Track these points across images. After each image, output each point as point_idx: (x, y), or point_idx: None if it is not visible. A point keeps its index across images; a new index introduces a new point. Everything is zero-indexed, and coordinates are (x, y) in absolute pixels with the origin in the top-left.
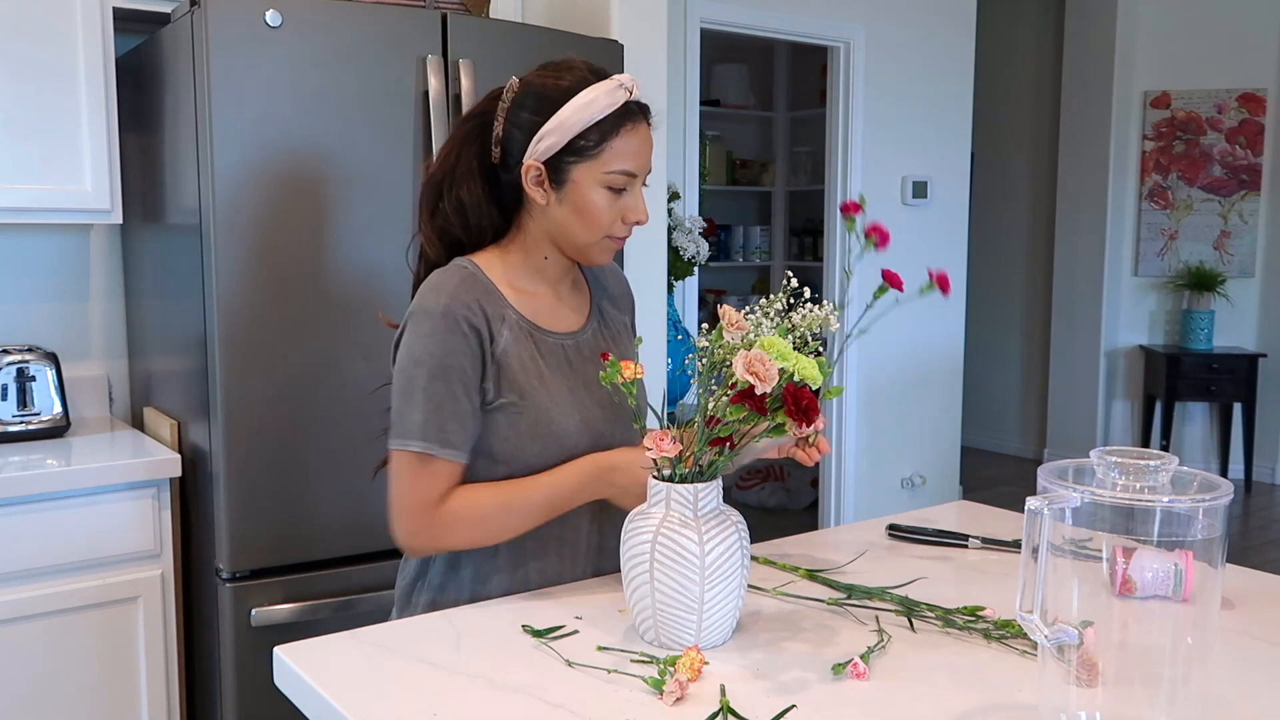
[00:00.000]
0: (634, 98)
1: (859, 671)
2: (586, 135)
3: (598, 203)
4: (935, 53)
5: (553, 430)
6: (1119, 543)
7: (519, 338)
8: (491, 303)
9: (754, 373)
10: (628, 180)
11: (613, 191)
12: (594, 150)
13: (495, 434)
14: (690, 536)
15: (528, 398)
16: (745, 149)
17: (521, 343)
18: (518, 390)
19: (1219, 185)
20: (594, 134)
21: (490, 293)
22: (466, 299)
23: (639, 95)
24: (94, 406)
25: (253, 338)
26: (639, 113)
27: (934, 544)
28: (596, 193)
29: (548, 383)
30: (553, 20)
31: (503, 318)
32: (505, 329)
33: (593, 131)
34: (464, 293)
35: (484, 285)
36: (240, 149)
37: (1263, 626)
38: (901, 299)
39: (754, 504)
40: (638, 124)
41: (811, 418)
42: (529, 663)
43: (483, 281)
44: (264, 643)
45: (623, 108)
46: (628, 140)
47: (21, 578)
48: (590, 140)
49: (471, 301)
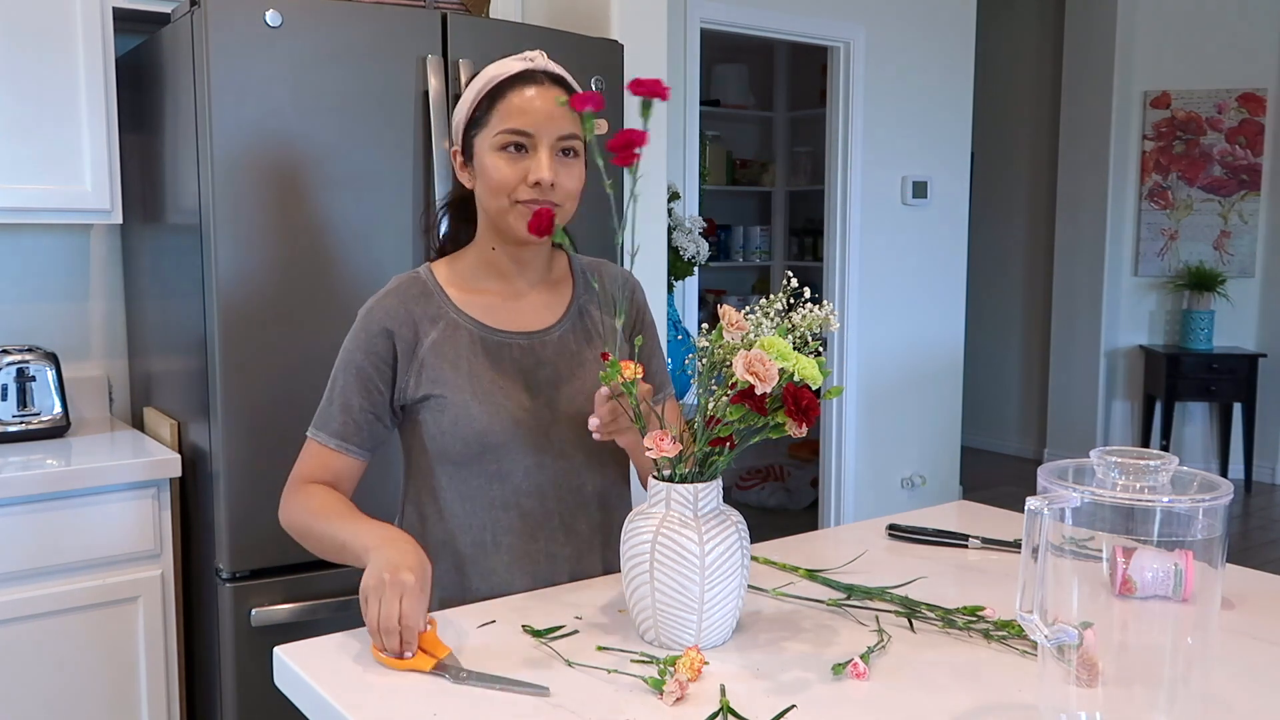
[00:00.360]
0: (536, 67)
1: (859, 671)
2: (479, 105)
3: (497, 165)
4: (935, 53)
5: (474, 427)
6: (1119, 543)
7: (452, 335)
8: (425, 304)
9: (754, 373)
10: (521, 139)
11: (509, 153)
12: (485, 117)
13: (424, 428)
14: (690, 536)
15: (448, 393)
16: (745, 149)
17: (453, 340)
18: (440, 385)
19: (1219, 185)
20: (485, 102)
21: (427, 295)
22: (390, 304)
23: (547, 67)
24: (94, 406)
25: (253, 338)
26: (540, 78)
27: (934, 544)
28: (493, 157)
29: (473, 379)
30: (553, 20)
31: (435, 318)
32: (436, 328)
33: (484, 100)
34: (392, 297)
35: (422, 288)
36: (240, 149)
37: (1263, 626)
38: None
39: (754, 504)
40: (529, 85)
41: (811, 418)
42: (529, 663)
43: (423, 284)
44: (264, 643)
45: (518, 73)
46: (514, 100)
47: (21, 578)
48: (482, 109)
49: (395, 306)
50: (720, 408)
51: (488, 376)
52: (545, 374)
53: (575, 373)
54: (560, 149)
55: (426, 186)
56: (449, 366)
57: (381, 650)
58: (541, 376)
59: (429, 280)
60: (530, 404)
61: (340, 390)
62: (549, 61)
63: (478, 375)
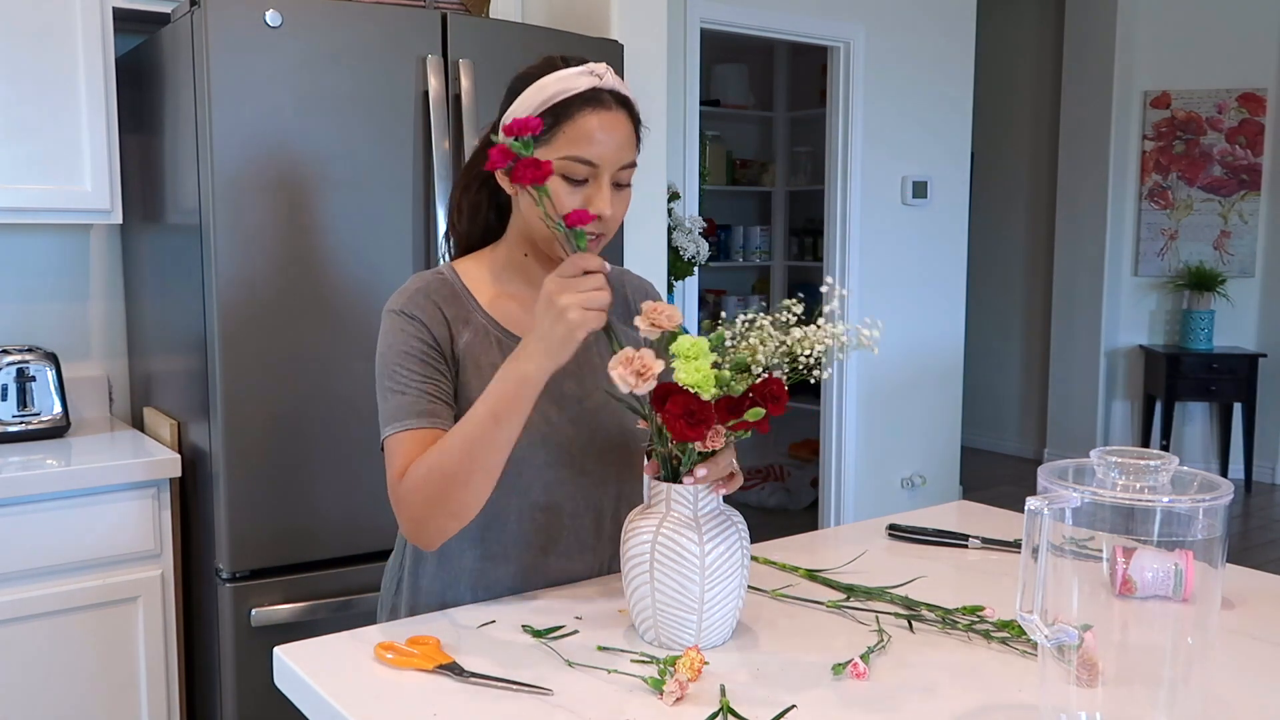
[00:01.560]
0: (604, 85)
1: (859, 671)
2: (542, 118)
3: (554, 191)
4: (935, 53)
5: None
6: (1119, 543)
7: (484, 340)
8: (454, 306)
9: (636, 371)
10: (584, 170)
11: (569, 181)
12: (547, 134)
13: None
14: (690, 537)
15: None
16: (745, 149)
17: (483, 345)
18: (468, 390)
19: (1219, 185)
20: (548, 117)
21: (455, 297)
22: (423, 300)
23: (615, 85)
24: (94, 406)
25: (253, 338)
26: (608, 100)
27: (934, 544)
28: (551, 181)
29: None
30: (553, 20)
31: (466, 320)
32: (468, 330)
33: (547, 115)
34: (420, 296)
35: (449, 289)
36: (240, 149)
37: (1263, 626)
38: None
39: (754, 504)
40: (599, 111)
41: (697, 433)
42: (529, 663)
43: (450, 285)
44: (264, 643)
45: (586, 92)
46: (582, 126)
47: (21, 578)
48: (546, 123)
49: (428, 303)
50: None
51: None
52: (569, 387)
53: (598, 387)
54: (615, 181)
55: (426, 187)
56: (478, 376)
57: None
58: (566, 390)
59: (455, 281)
60: (556, 418)
61: (407, 377)
62: (615, 77)
63: None
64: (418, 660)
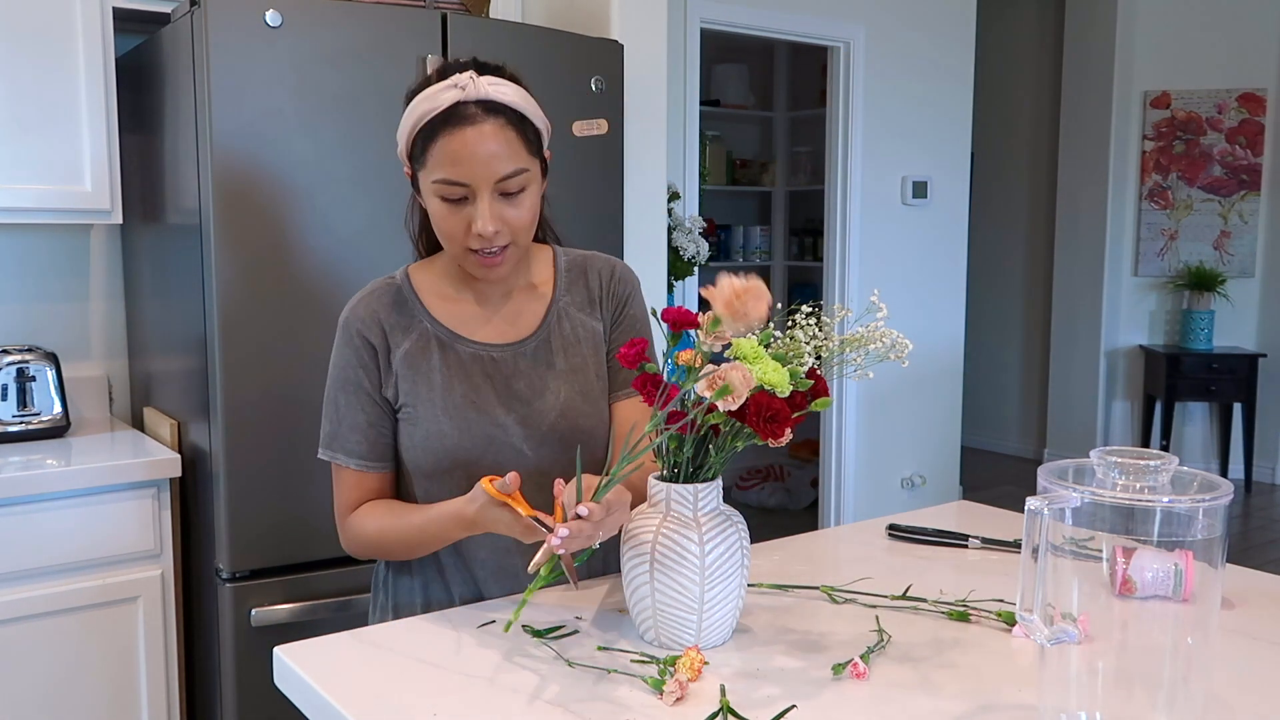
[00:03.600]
0: (468, 97)
1: (859, 671)
2: (414, 143)
3: (438, 212)
4: (935, 53)
5: (445, 443)
6: (1119, 543)
7: (424, 346)
8: (399, 312)
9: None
10: (458, 190)
11: (449, 202)
12: (421, 157)
13: (399, 442)
14: (690, 537)
15: (419, 406)
16: (745, 149)
17: (424, 351)
18: (411, 397)
19: (1219, 185)
20: (419, 141)
21: (402, 303)
22: (363, 312)
23: (483, 94)
24: (94, 406)
25: (253, 338)
26: (474, 114)
27: (934, 544)
28: (434, 203)
29: (442, 393)
30: (552, 20)
31: (408, 327)
32: (408, 338)
33: (418, 138)
34: (363, 305)
35: (397, 296)
36: (240, 149)
37: (1263, 626)
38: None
39: (754, 504)
40: (462, 127)
41: (781, 429)
42: (529, 663)
43: (399, 291)
44: (264, 643)
45: (447, 111)
46: (445, 148)
47: (21, 578)
48: (417, 148)
49: (367, 314)
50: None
51: (459, 390)
52: (520, 388)
53: (550, 386)
54: (500, 191)
55: None
56: (420, 379)
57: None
58: (516, 390)
59: (404, 287)
60: (504, 419)
61: (344, 409)
62: (484, 83)
63: (449, 389)
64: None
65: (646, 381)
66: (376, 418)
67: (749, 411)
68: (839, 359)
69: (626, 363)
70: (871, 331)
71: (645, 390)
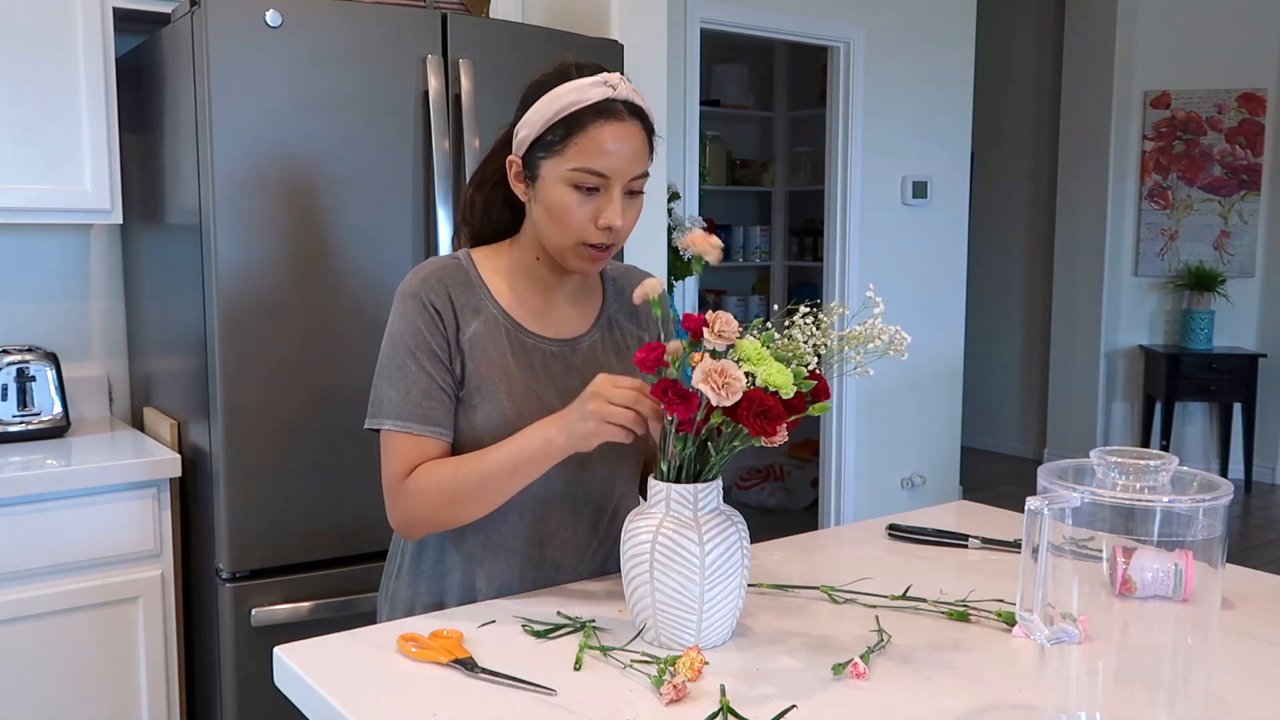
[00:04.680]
0: (618, 96)
1: (859, 671)
2: (553, 129)
3: (564, 201)
4: (935, 53)
5: (506, 429)
6: (1119, 543)
7: (493, 330)
8: (467, 293)
9: (712, 385)
10: (596, 180)
11: (580, 191)
12: (559, 145)
13: (458, 423)
14: (690, 537)
15: (488, 390)
16: (745, 149)
17: (494, 335)
18: (479, 380)
19: (1219, 185)
20: (560, 128)
21: (469, 284)
22: (435, 284)
23: (628, 96)
24: (94, 406)
25: (253, 337)
26: (621, 112)
27: (934, 544)
28: (561, 190)
29: (513, 380)
30: (553, 20)
31: (476, 309)
32: (477, 320)
33: (559, 126)
34: (434, 279)
35: (464, 276)
36: (240, 149)
37: (1263, 626)
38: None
39: (754, 504)
40: (613, 122)
41: (774, 427)
42: (529, 663)
43: (465, 272)
44: (264, 643)
45: (599, 104)
46: (595, 137)
47: (21, 578)
48: (556, 135)
49: (439, 285)
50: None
51: (522, 378)
52: (574, 383)
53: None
54: (628, 190)
55: (427, 186)
56: (487, 362)
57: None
58: (571, 385)
59: (470, 269)
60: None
61: (415, 374)
62: (629, 87)
63: (513, 375)
64: (436, 654)
65: (667, 388)
66: (449, 385)
67: (741, 408)
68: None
69: (644, 367)
70: (870, 329)
71: (666, 397)
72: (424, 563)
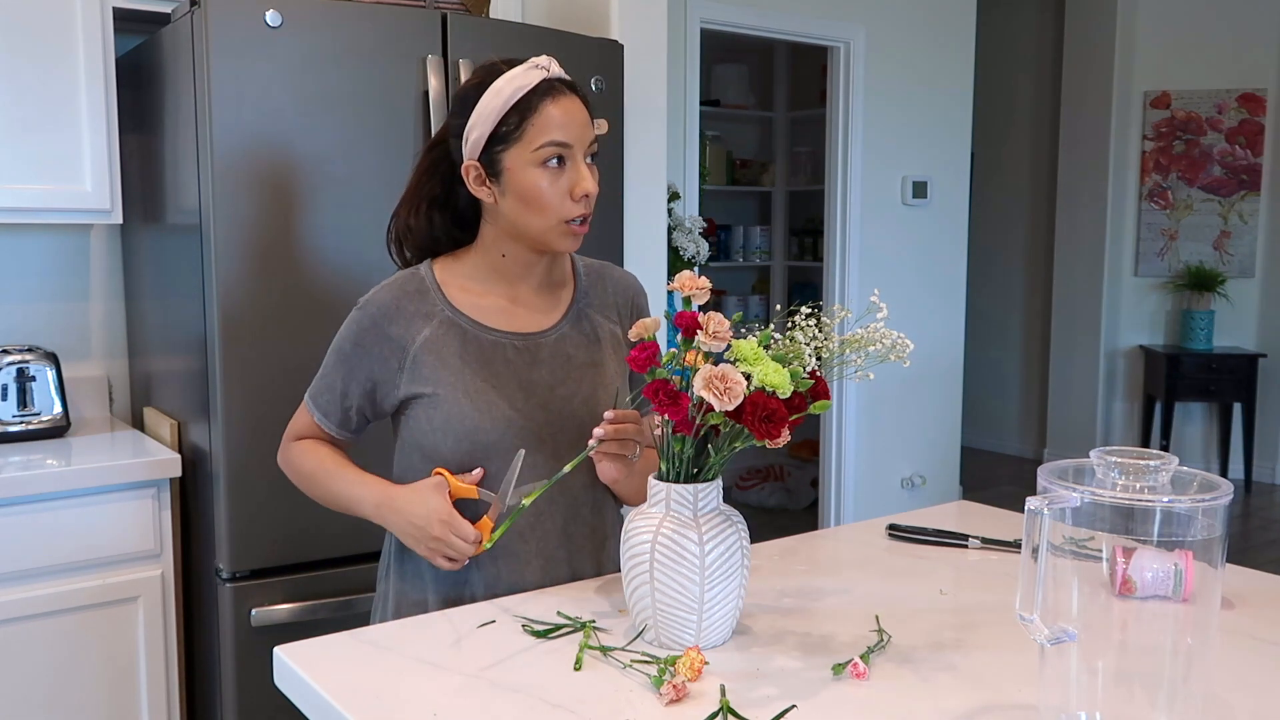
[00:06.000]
0: (553, 75)
1: (859, 671)
2: (506, 120)
3: (536, 183)
4: (935, 53)
5: (465, 426)
6: (1119, 543)
7: (446, 333)
8: (419, 301)
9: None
10: (561, 150)
11: (549, 168)
12: (516, 132)
13: (416, 425)
14: (690, 536)
15: (440, 390)
16: (745, 149)
17: (446, 338)
18: (432, 383)
19: (1219, 185)
20: (513, 117)
21: (423, 292)
22: (383, 298)
23: (561, 74)
24: (94, 406)
25: (253, 338)
26: (561, 88)
27: (934, 544)
28: (531, 174)
29: (465, 378)
30: (553, 20)
31: (428, 315)
32: (429, 326)
33: (511, 115)
34: (386, 291)
35: (419, 285)
36: (240, 149)
37: (1263, 626)
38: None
39: (754, 504)
40: (558, 97)
41: (776, 429)
42: (529, 663)
43: (421, 280)
44: (264, 643)
45: (540, 85)
46: (548, 114)
47: (21, 578)
48: (511, 124)
49: (388, 301)
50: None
51: (480, 375)
52: (540, 375)
53: (571, 375)
54: (589, 155)
55: None
56: (441, 365)
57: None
58: (536, 378)
59: (427, 277)
60: (524, 404)
61: (332, 373)
62: (558, 67)
63: (470, 374)
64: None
65: (659, 389)
66: (356, 396)
67: (745, 412)
68: (839, 360)
69: (637, 366)
70: (872, 333)
71: (657, 398)
72: (409, 561)
